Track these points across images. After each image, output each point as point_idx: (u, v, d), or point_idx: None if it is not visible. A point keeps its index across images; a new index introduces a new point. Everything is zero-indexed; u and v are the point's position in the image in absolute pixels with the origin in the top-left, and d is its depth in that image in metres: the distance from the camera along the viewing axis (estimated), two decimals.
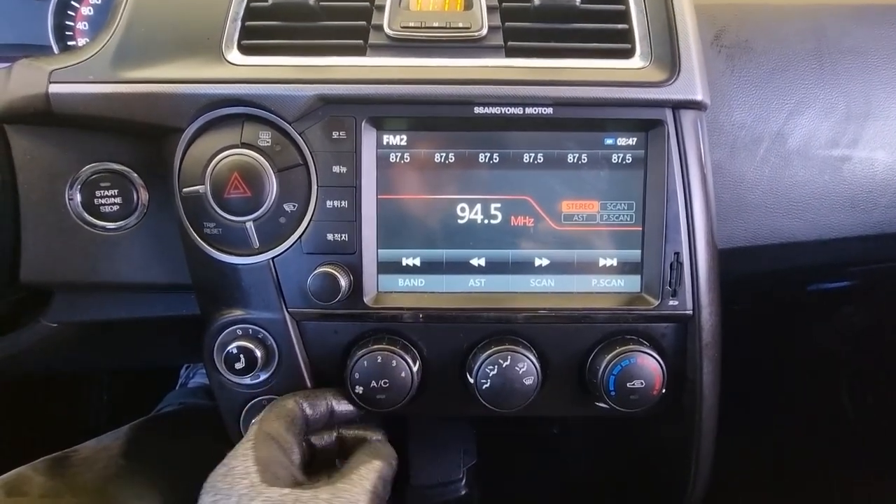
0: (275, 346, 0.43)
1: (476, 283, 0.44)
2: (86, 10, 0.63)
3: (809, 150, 0.51)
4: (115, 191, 0.46)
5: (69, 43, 0.65)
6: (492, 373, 0.42)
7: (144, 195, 0.46)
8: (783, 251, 0.54)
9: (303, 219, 0.42)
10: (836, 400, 0.88)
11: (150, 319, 0.51)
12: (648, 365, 0.42)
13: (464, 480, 0.60)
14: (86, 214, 0.45)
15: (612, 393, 0.42)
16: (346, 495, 0.35)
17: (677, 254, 0.42)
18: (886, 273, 0.74)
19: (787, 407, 0.87)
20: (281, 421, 0.40)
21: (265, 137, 0.41)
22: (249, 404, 0.45)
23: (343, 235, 0.41)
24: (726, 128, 0.50)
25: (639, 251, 0.44)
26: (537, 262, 0.44)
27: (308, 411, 0.42)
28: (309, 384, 0.44)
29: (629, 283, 0.45)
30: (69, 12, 0.62)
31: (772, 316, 0.92)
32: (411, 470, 0.59)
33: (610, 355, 0.42)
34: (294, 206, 0.41)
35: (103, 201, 0.45)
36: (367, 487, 0.37)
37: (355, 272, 0.42)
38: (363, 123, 0.41)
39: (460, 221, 0.44)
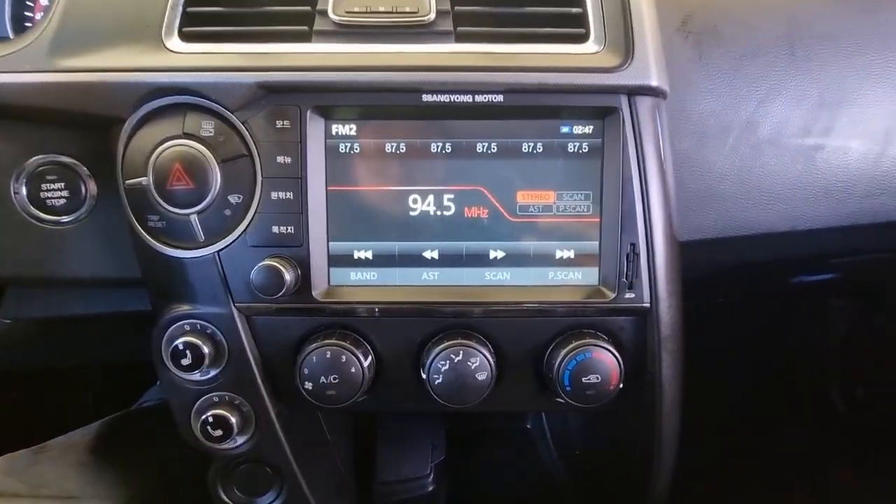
0: (224, 341, 0.42)
1: (430, 276, 0.43)
2: (45, 0, 0.62)
3: (781, 138, 0.50)
4: (62, 184, 0.45)
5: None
6: (444, 368, 0.41)
7: (93, 187, 0.45)
8: (755, 243, 0.53)
9: (248, 211, 0.40)
10: (825, 394, 0.87)
11: (104, 315, 0.50)
12: (605, 359, 0.41)
13: (431, 476, 0.59)
14: (32, 208, 0.44)
15: (568, 388, 0.41)
16: None
17: (633, 245, 0.41)
18: (868, 264, 0.72)
19: (774, 401, 0.86)
20: None
21: (208, 127, 0.40)
22: (200, 400, 0.44)
23: (289, 228, 0.40)
24: (694, 116, 0.48)
25: (596, 243, 0.43)
26: (492, 255, 0.43)
27: None
28: (259, 380, 0.43)
29: (587, 276, 0.43)
30: (28, 2, 0.61)
31: (760, 309, 0.91)
32: (378, 466, 0.58)
33: (565, 350, 0.41)
34: (239, 197, 0.40)
35: (50, 195, 0.44)
36: None
37: (303, 265, 0.41)
38: (308, 112, 0.40)
39: (413, 213, 0.43)
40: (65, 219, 0.45)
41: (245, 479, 0.47)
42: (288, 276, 0.39)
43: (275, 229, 0.40)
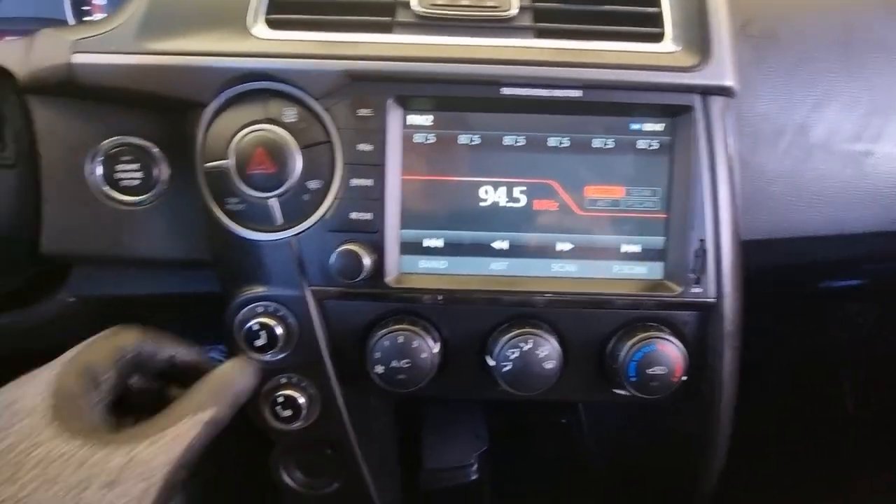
0: (295, 323, 0.43)
1: (498, 266, 0.44)
2: None
3: (832, 143, 0.51)
4: (136, 165, 0.45)
5: (85, 18, 0.64)
6: (513, 356, 0.42)
7: (165, 170, 0.45)
8: (802, 245, 0.54)
9: (326, 196, 0.41)
10: (839, 400, 0.88)
11: (168, 295, 0.51)
12: (670, 352, 0.42)
13: (475, 465, 0.60)
14: (106, 188, 0.45)
15: (633, 379, 0.42)
16: (142, 469, 0.29)
17: (702, 241, 0.42)
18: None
19: (787, 404, 0.87)
20: (109, 352, 0.34)
21: (290, 113, 0.40)
22: (268, 382, 0.45)
23: (367, 214, 0.41)
24: (749, 118, 0.49)
25: (662, 238, 0.44)
26: (559, 247, 0.44)
27: (147, 351, 0.36)
28: (328, 362, 0.44)
29: (652, 270, 0.44)
30: None
31: (782, 312, 0.92)
32: (424, 453, 0.59)
33: (631, 341, 0.42)
34: (318, 183, 0.41)
35: (124, 175, 0.45)
36: (174, 455, 0.31)
37: (378, 252, 0.41)
38: (389, 101, 0.41)
39: (483, 204, 0.43)
40: (137, 200, 0.45)
41: (306, 462, 0.47)
42: (366, 262, 0.40)
43: (353, 215, 0.41)
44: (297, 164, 0.40)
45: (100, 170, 0.44)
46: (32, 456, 0.28)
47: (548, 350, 0.42)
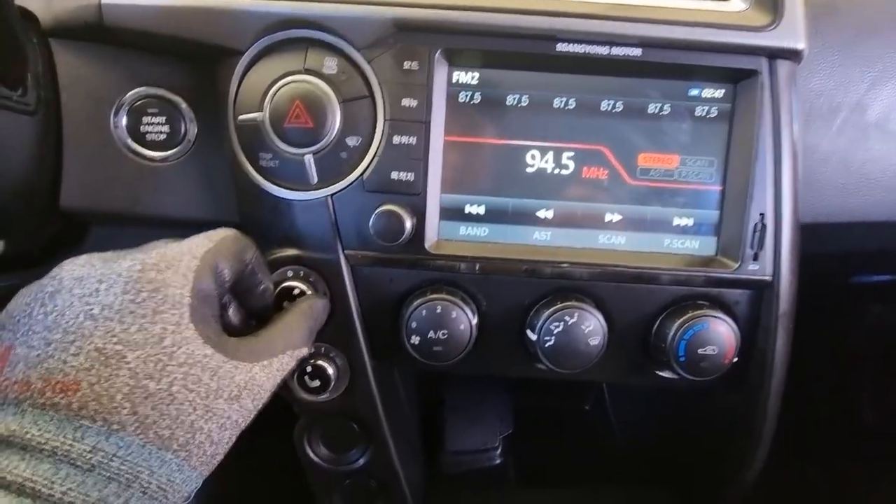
0: (327, 290, 0.41)
1: (541, 235, 0.42)
2: None
3: (889, 123, 0.48)
4: (163, 118, 0.43)
5: None
6: (556, 330, 0.39)
7: (192, 126, 0.43)
8: (844, 232, 0.52)
9: (366, 154, 0.39)
10: (855, 400, 0.86)
11: None
12: (723, 331, 0.40)
13: (500, 448, 0.58)
14: (131, 142, 0.42)
15: (682, 359, 0.40)
16: (257, 390, 0.30)
17: (762, 215, 0.40)
18: None
19: (803, 401, 0.85)
20: (234, 257, 0.33)
21: (331, 65, 0.38)
22: None
23: (409, 174, 0.39)
24: (803, 94, 0.47)
25: (717, 212, 0.41)
26: (608, 218, 0.42)
27: (256, 270, 0.35)
28: (359, 332, 0.42)
29: (704, 246, 0.42)
30: None
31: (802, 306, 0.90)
32: (447, 435, 0.57)
33: (682, 319, 0.40)
34: (357, 140, 0.39)
35: (150, 129, 0.43)
36: (277, 381, 0.32)
37: (418, 215, 0.39)
38: (437, 55, 0.38)
39: (529, 170, 0.41)
40: (162, 155, 0.43)
41: (331, 436, 0.46)
42: (408, 224, 0.38)
43: (394, 175, 0.39)
44: (336, 118, 0.38)
45: (124, 122, 0.42)
46: (178, 354, 0.28)
47: (593, 325, 0.40)
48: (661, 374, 0.44)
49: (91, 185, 0.43)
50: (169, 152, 0.43)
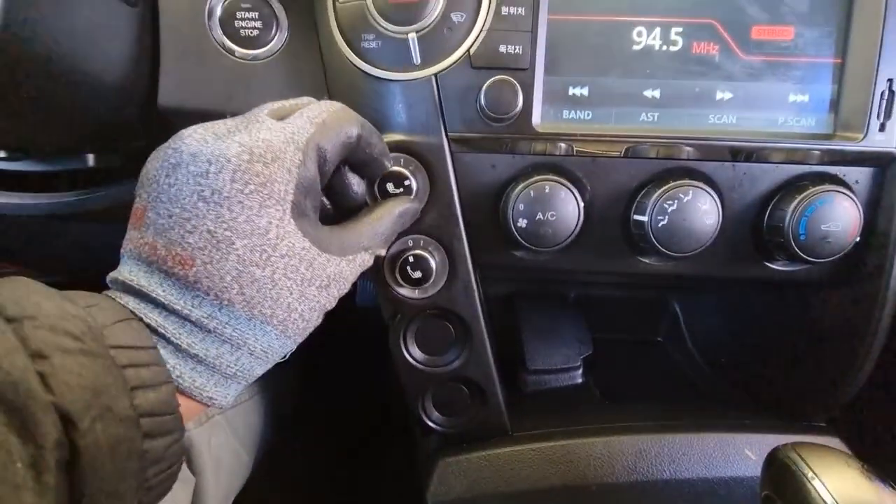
0: (427, 176, 0.40)
1: (648, 117, 0.40)
2: None
3: None
4: (255, 14, 0.43)
5: None
6: (671, 209, 0.38)
7: (283, 23, 0.43)
8: None
9: (471, 30, 0.38)
10: None
11: None
12: (847, 206, 0.38)
13: (581, 369, 0.57)
14: (225, 39, 0.42)
15: (802, 237, 0.38)
16: (342, 282, 0.33)
17: (890, 80, 0.38)
18: None
19: None
20: (338, 138, 0.33)
21: None
22: (396, 242, 0.42)
23: (517, 47, 0.38)
24: None
25: (833, 86, 0.40)
26: (719, 96, 0.40)
27: (365, 140, 0.35)
28: (461, 221, 0.41)
29: (820, 123, 0.40)
30: None
31: None
32: (527, 355, 0.56)
33: (802, 195, 0.38)
34: (462, 16, 0.38)
35: (243, 24, 0.42)
36: (357, 273, 0.34)
37: (526, 91, 0.38)
38: None
39: (636, 48, 0.40)
40: (253, 53, 0.43)
41: (426, 336, 0.45)
42: (520, 98, 0.37)
43: (502, 48, 0.38)
44: None
45: (219, 16, 0.42)
46: (282, 246, 0.30)
47: (708, 204, 0.38)
48: (770, 265, 0.43)
49: (187, 82, 0.43)
50: (260, 50, 0.43)
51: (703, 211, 0.38)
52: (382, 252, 0.37)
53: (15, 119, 0.35)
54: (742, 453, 0.47)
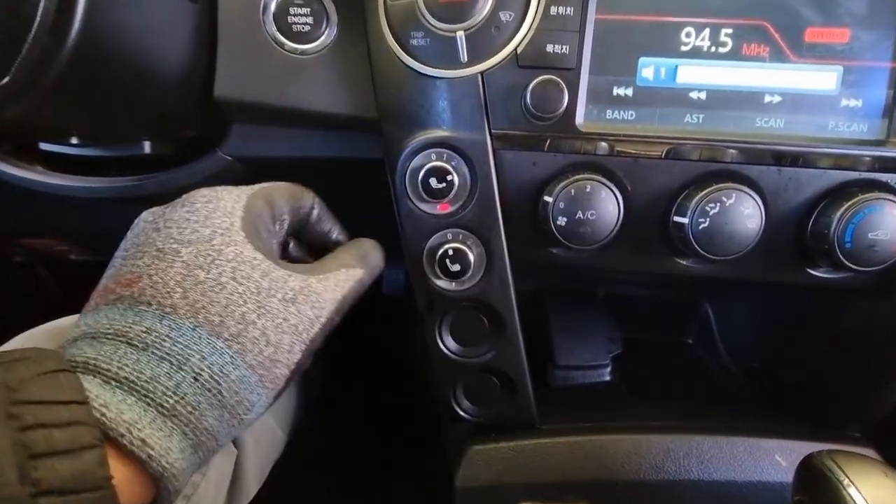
0: (469, 173, 0.41)
1: (693, 118, 0.40)
2: None
3: None
4: (307, 10, 0.44)
5: None
6: (713, 211, 0.38)
7: (335, 18, 0.44)
8: None
9: (519, 29, 0.38)
10: None
11: (321, 159, 0.50)
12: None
13: (609, 366, 0.58)
14: (278, 33, 0.44)
15: (848, 245, 0.38)
16: (315, 298, 0.31)
17: None
18: None
19: None
20: (290, 197, 0.36)
21: None
22: (434, 236, 0.43)
23: (564, 47, 0.38)
24: None
25: (889, 91, 0.39)
26: (767, 99, 0.40)
27: (317, 214, 0.38)
28: (500, 216, 0.42)
29: (872, 129, 0.39)
30: None
31: None
32: (556, 351, 0.57)
33: (850, 202, 0.37)
34: (510, 15, 0.38)
35: (296, 20, 0.44)
36: (337, 296, 0.33)
37: (572, 91, 0.39)
38: None
39: (684, 48, 0.40)
40: (305, 48, 0.44)
41: (461, 328, 0.46)
42: (566, 97, 0.37)
43: (549, 48, 0.38)
44: None
45: (273, 11, 0.43)
46: (226, 251, 0.29)
47: (751, 207, 0.38)
48: (812, 271, 0.42)
49: (242, 75, 0.45)
50: (310, 45, 0.44)
51: (745, 215, 0.38)
52: (360, 272, 0.36)
53: (91, 110, 0.37)
54: (772, 458, 0.47)
